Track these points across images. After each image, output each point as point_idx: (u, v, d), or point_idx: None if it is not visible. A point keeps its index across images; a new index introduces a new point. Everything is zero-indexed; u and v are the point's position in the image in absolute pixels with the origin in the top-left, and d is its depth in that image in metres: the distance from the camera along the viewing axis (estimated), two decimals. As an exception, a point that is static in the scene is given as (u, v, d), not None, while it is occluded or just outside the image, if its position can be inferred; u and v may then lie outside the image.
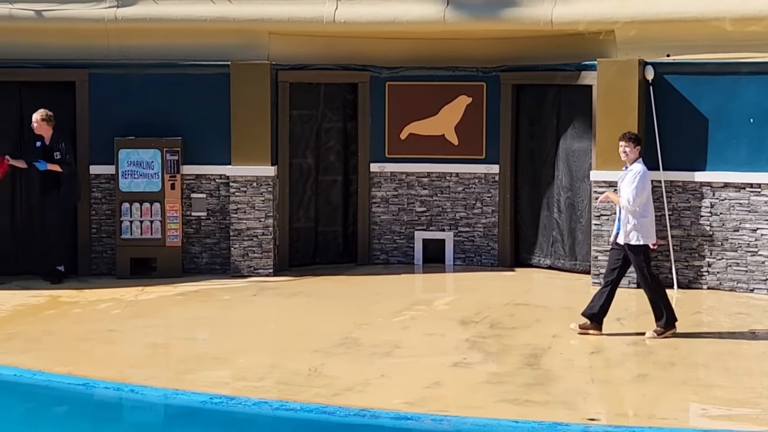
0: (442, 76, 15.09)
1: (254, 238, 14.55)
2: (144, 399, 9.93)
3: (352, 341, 11.38)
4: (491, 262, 15.11)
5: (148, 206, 14.37)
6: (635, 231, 11.40)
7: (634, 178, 11.40)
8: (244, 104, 14.44)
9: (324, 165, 15.38)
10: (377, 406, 9.41)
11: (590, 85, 14.05)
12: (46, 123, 13.90)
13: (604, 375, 10.35)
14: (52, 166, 13.89)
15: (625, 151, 11.49)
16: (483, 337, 11.49)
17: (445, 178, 15.22)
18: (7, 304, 13.03)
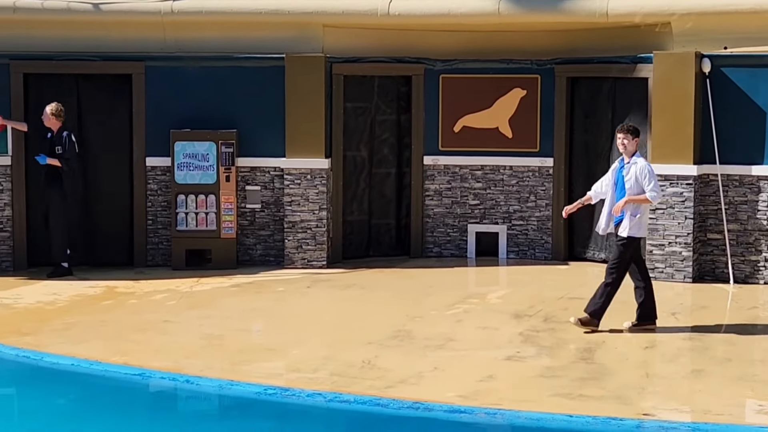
0: (497, 68, 15.05)
1: (308, 230, 14.60)
2: (199, 389, 10.01)
3: (406, 334, 11.40)
4: (545, 256, 15.07)
5: (204, 198, 14.47)
6: (638, 225, 11.27)
7: (646, 171, 11.21)
8: (298, 97, 14.50)
9: (378, 158, 15.40)
10: (430, 398, 9.42)
11: (646, 77, 13.95)
12: (55, 117, 14.00)
13: (659, 370, 10.29)
14: (51, 160, 13.94)
15: (624, 144, 11.31)
16: (536, 331, 11.47)
17: (499, 171, 15.19)
18: (65, 294, 13.18)
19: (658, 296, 12.94)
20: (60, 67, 14.54)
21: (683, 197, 13.58)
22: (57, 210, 14.03)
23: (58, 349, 10.90)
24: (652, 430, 8.84)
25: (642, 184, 11.21)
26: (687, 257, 13.60)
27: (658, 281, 13.58)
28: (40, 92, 14.63)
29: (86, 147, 14.78)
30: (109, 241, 14.84)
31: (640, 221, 11.29)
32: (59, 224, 14.03)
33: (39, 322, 11.93)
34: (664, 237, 13.67)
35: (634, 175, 11.24)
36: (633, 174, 11.25)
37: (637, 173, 11.24)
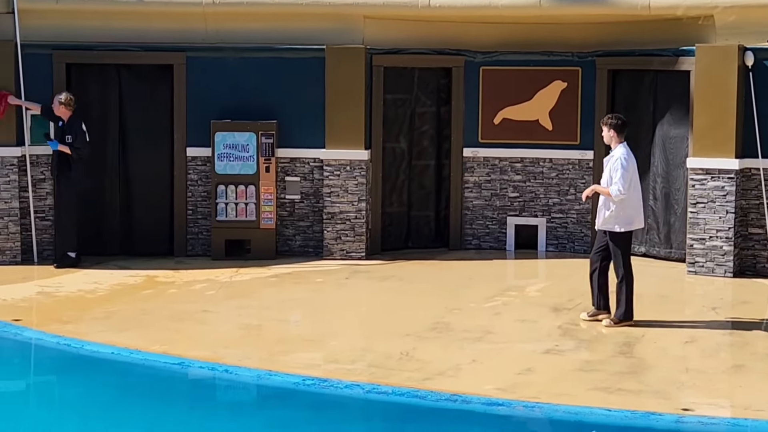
0: (537, 60, 15.00)
1: (347, 221, 14.62)
2: (238, 379, 10.06)
3: (444, 326, 11.40)
4: (584, 249, 15.00)
5: (243, 189, 14.52)
6: (615, 219, 11.18)
7: (618, 164, 11.11)
8: (338, 88, 14.51)
9: (417, 149, 15.39)
10: (469, 391, 9.42)
11: (688, 70, 13.86)
12: (64, 107, 14.02)
13: (699, 365, 10.23)
14: (62, 147, 13.99)
15: (602, 135, 11.34)
16: (575, 325, 11.43)
17: (539, 163, 15.14)
18: (106, 283, 13.27)
19: (699, 291, 12.91)
20: (101, 57, 14.62)
21: (725, 191, 13.49)
22: (67, 199, 14.12)
23: (99, 338, 10.99)
24: (691, 425, 8.80)
25: (612, 176, 11.16)
26: (728, 252, 13.51)
27: (699, 275, 13.52)
28: (82, 82, 14.73)
29: (127, 137, 14.85)
30: (150, 231, 14.92)
31: (618, 215, 11.15)
32: (68, 214, 14.11)
33: (80, 310, 12.03)
34: (705, 231, 13.58)
35: (610, 166, 11.23)
36: (609, 165, 11.25)
37: (612, 165, 11.20)
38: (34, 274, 13.78)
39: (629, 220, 11.25)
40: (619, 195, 11.08)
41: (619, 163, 11.13)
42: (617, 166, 11.13)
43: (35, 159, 14.44)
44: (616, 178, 11.09)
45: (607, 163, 11.35)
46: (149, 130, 14.88)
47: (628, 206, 11.22)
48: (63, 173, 14.10)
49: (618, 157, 11.18)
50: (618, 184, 11.07)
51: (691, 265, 13.65)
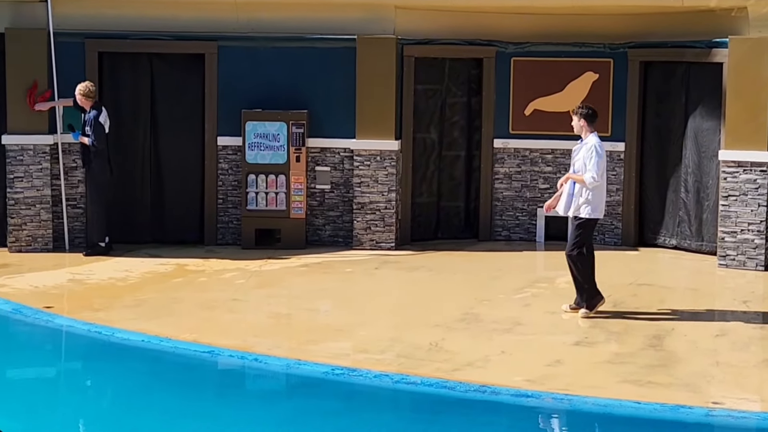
0: (569, 51, 14.94)
1: (377, 211, 14.63)
2: (267, 368, 10.09)
3: (473, 317, 11.39)
4: (615, 241, 14.96)
5: (274, 178, 14.54)
6: (587, 205, 11.24)
7: (592, 152, 11.16)
8: (369, 78, 14.51)
9: (447, 140, 15.37)
10: (497, 382, 9.42)
11: (721, 62, 13.78)
12: (84, 97, 14.07)
13: (729, 358, 10.18)
14: (82, 138, 14.09)
15: (572, 125, 11.39)
16: (605, 317, 11.40)
17: (569, 155, 15.03)
18: (136, 271, 13.34)
19: (730, 284, 12.85)
20: (134, 46, 14.67)
21: (756, 184, 13.41)
22: (93, 191, 14.19)
23: (129, 325, 11.05)
24: (721, 419, 8.77)
25: (586, 164, 11.19)
26: (759, 245, 13.43)
27: (730, 269, 13.46)
28: (114, 71, 14.79)
29: (158, 126, 14.91)
30: (180, 220, 14.98)
31: (588, 202, 11.22)
32: (96, 205, 14.15)
33: (111, 298, 12.10)
34: (736, 224, 13.51)
35: (582, 154, 11.25)
36: (582, 154, 11.26)
37: (585, 153, 11.23)
38: (65, 262, 13.87)
39: (598, 207, 11.35)
40: (593, 182, 11.15)
41: (593, 151, 11.20)
42: (591, 154, 11.19)
43: (67, 147, 14.53)
44: (590, 165, 11.15)
45: (578, 151, 11.37)
46: (180, 119, 14.92)
47: (600, 193, 11.32)
48: (87, 164, 14.23)
49: (592, 145, 11.23)
50: (593, 171, 11.13)
51: (722, 258, 13.58)
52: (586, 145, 11.28)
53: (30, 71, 14.29)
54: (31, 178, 14.33)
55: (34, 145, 14.33)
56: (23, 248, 14.30)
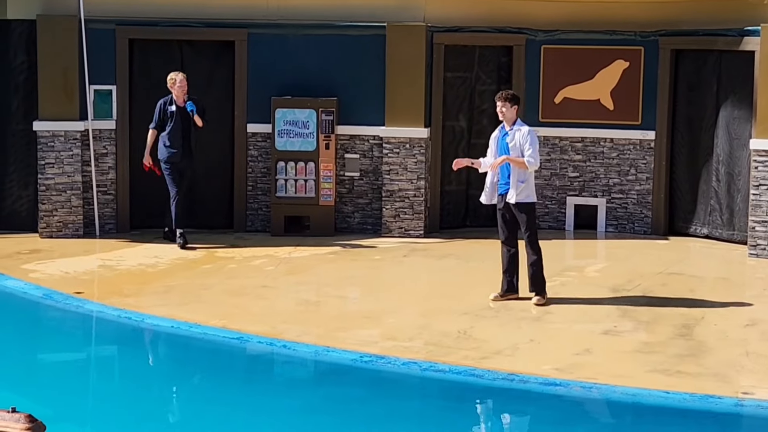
0: (599, 39, 14.87)
1: (406, 199, 14.63)
2: (296, 355, 10.12)
3: (502, 305, 11.38)
4: (644, 230, 14.91)
5: (303, 165, 14.57)
6: (527, 190, 11.27)
7: (528, 137, 11.22)
8: (399, 66, 14.50)
9: (477, 128, 15.34)
10: (526, 370, 9.42)
11: (753, 51, 13.68)
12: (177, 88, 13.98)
13: (759, 348, 10.13)
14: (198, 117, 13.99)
15: (503, 111, 11.35)
16: (634, 306, 11.37)
17: (599, 143, 15.04)
18: (166, 257, 13.40)
19: (761, 273, 12.79)
20: (164, 33, 14.71)
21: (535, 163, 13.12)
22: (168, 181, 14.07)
23: (159, 311, 11.10)
24: (750, 409, 8.73)
25: (523, 149, 11.21)
26: (790, 235, 13.36)
27: (760, 258, 13.39)
28: (145, 58, 14.84)
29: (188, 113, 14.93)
30: (210, 206, 15.03)
31: (527, 187, 11.27)
32: (171, 195, 14.01)
33: (140, 284, 12.16)
34: (767, 213, 13.43)
35: (518, 140, 11.26)
36: (517, 139, 11.27)
37: (520, 139, 11.25)
38: (95, 248, 13.95)
39: (534, 191, 11.42)
40: (534, 165, 11.24)
41: (531, 136, 11.26)
42: (527, 138, 11.23)
43: (98, 133, 14.60)
44: (531, 150, 11.19)
45: (511, 136, 11.28)
46: (210, 106, 14.94)
47: (533, 179, 11.44)
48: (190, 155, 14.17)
49: (528, 130, 11.29)
50: (533, 156, 11.20)
51: (752, 248, 13.51)
52: (521, 132, 11.30)
53: (61, 58, 14.36)
54: (62, 165, 14.41)
55: (65, 132, 14.40)
56: (54, 234, 14.40)
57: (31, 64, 14.48)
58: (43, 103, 14.40)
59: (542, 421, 8.96)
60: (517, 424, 8.82)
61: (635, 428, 8.70)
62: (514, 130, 11.34)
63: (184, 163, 14.04)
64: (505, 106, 11.35)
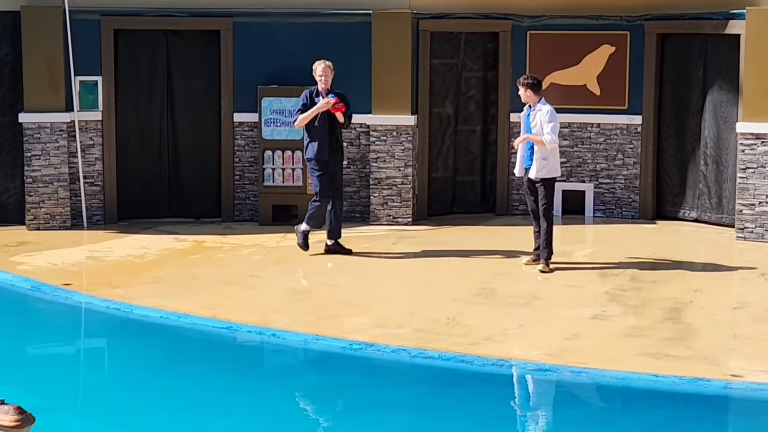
0: (585, 24, 14.88)
1: (393, 187, 14.63)
2: (285, 343, 10.12)
3: (490, 291, 11.40)
4: (632, 215, 14.93)
5: (290, 154, 14.55)
6: (548, 167, 12.04)
7: (548, 116, 11.98)
8: (385, 53, 14.48)
9: (463, 115, 15.34)
10: (515, 356, 9.43)
11: (738, 34, 13.69)
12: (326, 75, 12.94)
13: (748, 331, 10.16)
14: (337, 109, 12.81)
15: (525, 95, 12.11)
16: (623, 290, 11.39)
17: (586, 128, 15.05)
18: (154, 248, 13.38)
19: (748, 256, 12.82)
20: (149, 23, 14.67)
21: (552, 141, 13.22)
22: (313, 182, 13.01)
23: (148, 302, 11.09)
24: (739, 391, 8.76)
25: (543, 128, 11.98)
26: (778, 217, 13.39)
27: (748, 241, 13.42)
28: (130, 48, 14.79)
29: (174, 103, 14.93)
30: (197, 196, 15.01)
31: (548, 164, 12.02)
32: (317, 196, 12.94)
33: (129, 275, 12.14)
34: (754, 197, 13.46)
35: (539, 119, 12.02)
36: (538, 119, 12.03)
37: (541, 118, 12.01)
38: (83, 239, 13.92)
39: (556, 167, 12.20)
40: (552, 143, 11.96)
41: (549, 115, 12.00)
42: (549, 118, 11.98)
43: (84, 125, 14.55)
44: (548, 129, 11.94)
45: (533, 116, 12.08)
46: (197, 95, 14.94)
47: (556, 155, 12.17)
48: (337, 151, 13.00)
49: (548, 110, 12.03)
50: (551, 134, 11.94)
51: (740, 231, 13.54)
52: (541, 111, 12.05)
53: (46, 49, 14.30)
54: (49, 156, 14.37)
55: (51, 123, 14.36)
56: (41, 226, 14.36)
57: (16, 56, 14.42)
58: (28, 94, 14.35)
59: (532, 406, 8.98)
60: (507, 410, 8.83)
61: (625, 412, 8.72)
62: (536, 110, 12.08)
63: (332, 162, 12.86)
64: (526, 92, 12.15)
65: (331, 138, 12.85)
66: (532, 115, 12.11)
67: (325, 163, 12.80)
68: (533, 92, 12.11)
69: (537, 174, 12.04)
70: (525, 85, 12.15)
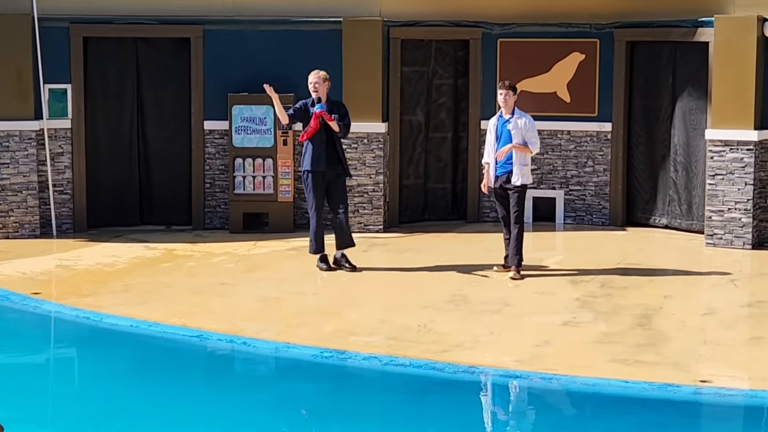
0: (555, 32, 14.93)
1: (365, 194, 14.62)
2: (256, 352, 10.09)
3: (462, 298, 11.40)
4: (602, 222, 14.99)
5: (261, 162, 14.52)
6: (528, 173, 12.15)
7: (531, 125, 12.05)
8: (356, 61, 14.48)
9: (434, 122, 15.36)
10: (486, 363, 9.44)
11: (707, 42, 13.78)
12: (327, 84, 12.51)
13: (717, 337, 10.21)
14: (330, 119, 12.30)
15: (506, 99, 12.04)
16: (593, 297, 11.42)
17: (557, 135, 15.10)
18: (124, 256, 13.32)
19: (718, 263, 12.88)
20: (119, 30, 14.62)
21: (743, 163, 13.43)
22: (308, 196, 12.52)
23: (118, 311, 11.03)
24: (709, 397, 8.80)
25: (526, 136, 12.00)
26: (746, 224, 13.47)
27: (717, 247, 13.49)
28: (100, 56, 14.73)
29: (145, 110, 14.88)
30: (168, 204, 14.96)
31: (528, 170, 12.14)
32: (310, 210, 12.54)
33: (99, 283, 12.08)
34: (723, 203, 13.53)
35: (521, 127, 12.00)
36: (520, 126, 12.01)
37: (523, 126, 12.00)
38: (53, 248, 13.84)
39: (530, 174, 12.32)
40: (537, 149, 12.21)
41: (531, 124, 12.08)
42: (530, 126, 12.05)
43: (53, 133, 14.48)
44: (535, 138, 12.07)
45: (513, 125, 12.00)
46: (167, 103, 14.90)
47: (529, 162, 12.27)
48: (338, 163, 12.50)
49: (529, 119, 12.09)
50: (537, 142, 12.14)
51: (709, 237, 13.61)
52: (522, 119, 12.05)
53: (15, 57, 14.22)
54: (18, 165, 14.28)
55: (20, 131, 14.27)
56: (10, 235, 14.27)
57: (-16, 64, 14.35)
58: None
59: (503, 413, 8.98)
60: (478, 417, 8.83)
61: (596, 418, 8.74)
62: (515, 118, 12.03)
63: (328, 174, 12.38)
64: (508, 95, 12.04)
65: (329, 148, 12.30)
66: (511, 123, 12.00)
67: (319, 175, 12.25)
68: (515, 97, 12.09)
69: (521, 180, 12.03)
70: (510, 88, 12.05)
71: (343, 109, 12.54)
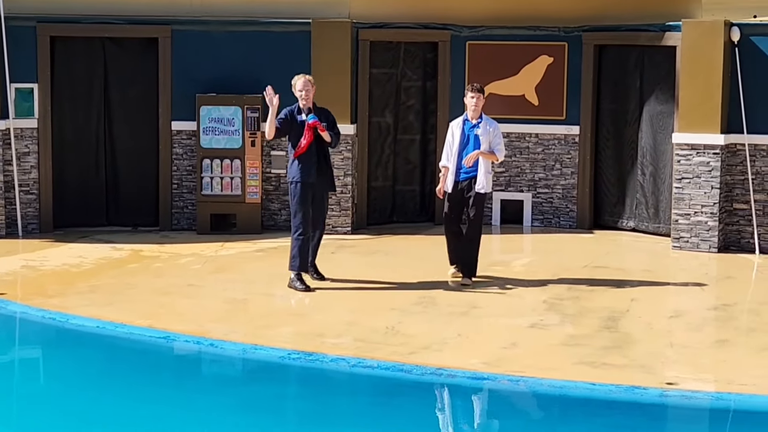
0: (523, 35, 14.97)
1: (333, 196, 14.58)
2: (223, 353, 10.05)
3: (429, 300, 11.41)
4: (569, 224, 15.04)
5: (229, 163, 14.48)
6: (489, 180, 11.92)
7: (499, 131, 11.87)
8: (324, 62, 14.46)
9: (403, 124, 15.37)
10: (454, 365, 9.44)
11: (674, 46, 13.86)
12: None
13: (684, 339, 10.27)
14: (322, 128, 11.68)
15: (477, 104, 11.79)
16: (561, 299, 11.45)
17: (525, 138, 15.13)
18: (90, 257, 13.24)
19: (684, 266, 12.96)
20: (86, 30, 14.54)
21: (710, 167, 13.51)
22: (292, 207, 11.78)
23: (84, 312, 10.96)
24: (675, 399, 8.84)
25: (492, 143, 11.78)
26: (713, 227, 13.54)
27: (683, 251, 13.56)
28: (67, 56, 14.65)
29: (112, 110, 14.81)
30: (135, 205, 14.89)
31: (491, 177, 11.99)
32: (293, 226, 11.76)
33: (65, 284, 12.00)
34: (690, 207, 13.61)
35: (490, 133, 11.78)
36: (489, 132, 11.76)
37: (491, 132, 11.76)
38: (18, 248, 13.74)
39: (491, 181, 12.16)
40: (502, 156, 12.01)
41: (499, 130, 11.89)
42: (498, 132, 11.85)
43: (19, 132, 14.38)
44: (500, 144, 11.84)
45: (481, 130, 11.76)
46: (134, 103, 14.83)
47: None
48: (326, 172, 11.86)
49: (497, 125, 11.91)
50: (503, 149, 11.94)
51: (676, 241, 13.69)
52: (491, 125, 11.85)
53: (-19, 56, 14.14)
54: (-17, 164, 14.19)
55: (-15, 131, 14.19)
56: (-25, 235, 14.18)
57: (-51, 63, 14.24)
58: (-38, 101, 14.17)
59: (471, 414, 8.99)
60: (446, 419, 8.84)
61: (563, 421, 8.76)
62: (484, 122, 11.78)
63: (317, 186, 11.72)
64: (479, 98, 11.79)
65: (320, 158, 11.60)
66: (480, 128, 11.74)
67: (310, 187, 11.56)
68: (484, 100, 11.88)
69: (485, 188, 11.73)
70: (480, 91, 11.78)
71: (331, 116, 11.82)
